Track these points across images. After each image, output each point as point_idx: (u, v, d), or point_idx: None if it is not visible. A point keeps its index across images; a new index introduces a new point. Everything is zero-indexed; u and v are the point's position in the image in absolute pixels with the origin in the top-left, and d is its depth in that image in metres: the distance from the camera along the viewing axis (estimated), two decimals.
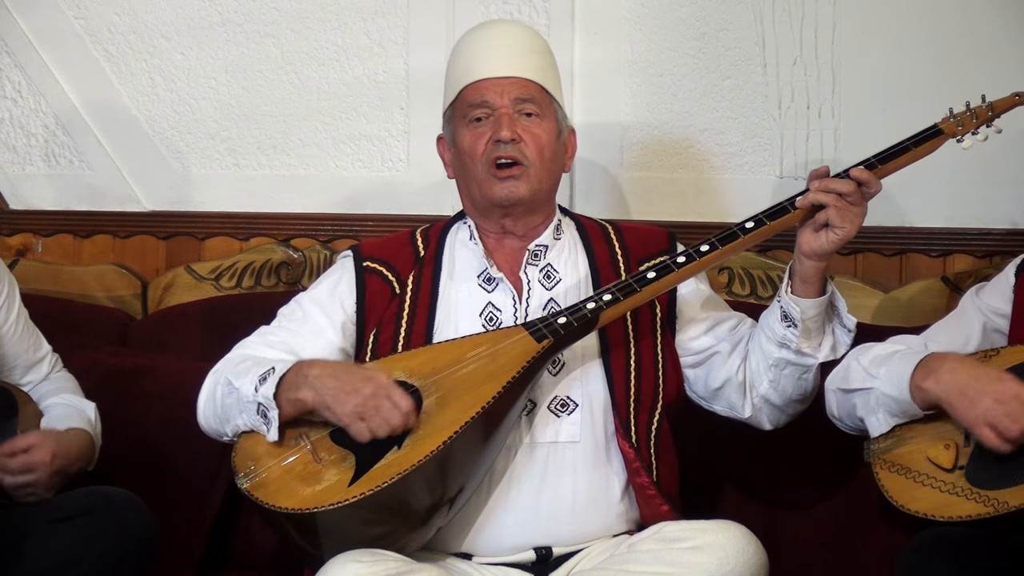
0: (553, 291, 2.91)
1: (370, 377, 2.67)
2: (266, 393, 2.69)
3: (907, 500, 2.66)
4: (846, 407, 2.83)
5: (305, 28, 3.71)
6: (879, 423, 2.75)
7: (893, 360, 2.74)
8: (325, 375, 2.68)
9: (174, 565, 3.10)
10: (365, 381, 2.65)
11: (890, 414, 2.73)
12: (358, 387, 2.64)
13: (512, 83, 2.88)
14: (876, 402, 2.74)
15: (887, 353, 2.78)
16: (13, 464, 2.85)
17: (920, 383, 2.66)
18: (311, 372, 2.69)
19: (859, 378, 2.78)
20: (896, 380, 2.70)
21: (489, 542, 2.79)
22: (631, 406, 2.83)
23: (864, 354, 2.80)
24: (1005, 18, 3.37)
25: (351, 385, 2.65)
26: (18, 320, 3.12)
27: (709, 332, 2.92)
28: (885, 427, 2.74)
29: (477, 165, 2.88)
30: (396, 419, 2.62)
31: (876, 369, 2.75)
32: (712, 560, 2.61)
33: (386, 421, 2.62)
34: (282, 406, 2.69)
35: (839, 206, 2.70)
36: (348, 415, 2.64)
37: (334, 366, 2.73)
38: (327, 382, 2.67)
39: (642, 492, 2.81)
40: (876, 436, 2.75)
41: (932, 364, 2.67)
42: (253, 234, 3.74)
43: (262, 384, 2.71)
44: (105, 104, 3.79)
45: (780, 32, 3.49)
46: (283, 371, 2.71)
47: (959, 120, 2.82)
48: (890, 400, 2.72)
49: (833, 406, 2.86)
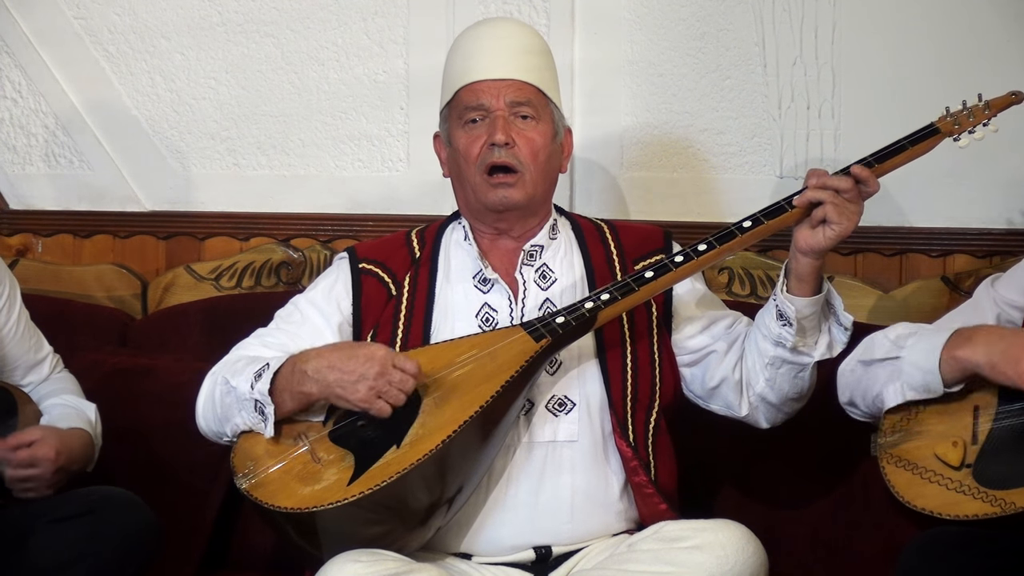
0: (549, 291, 2.91)
1: (370, 356, 2.67)
2: (262, 389, 2.70)
3: (913, 496, 2.65)
4: (864, 383, 2.81)
5: (305, 28, 3.71)
6: (895, 393, 2.74)
7: (922, 333, 2.74)
8: (323, 367, 2.68)
9: (174, 565, 3.10)
10: (367, 362, 2.66)
11: (910, 387, 2.72)
12: (363, 371, 2.65)
13: (508, 85, 2.88)
14: (898, 373, 2.73)
15: (913, 329, 2.78)
16: (17, 457, 2.86)
17: (955, 352, 2.66)
18: (307, 367, 2.69)
19: (884, 349, 2.77)
20: (926, 350, 2.69)
21: (488, 542, 2.79)
22: (628, 405, 2.83)
23: (891, 330, 2.80)
24: (1006, 18, 3.37)
25: (355, 371, 2.65)
26: (19, 321, 3.12)
27: (705, 331, 2.92)
28: (900, 398, 2.73)
29: (472, 168, 2.88)
30: (409, 384, 2.65)
31: (904, 341, 2.74)
32: (712, 559, 2.61)
33: (401, 390, 2.64)
34: (283, 400, 2.70)
35: (836, 202, 2.70)
36: (364, 400, 2.65)
37: (328, 355, 2.72)
38: (328, 375, 2.67)
39: (640, 491, 2.81)
40: (888, 411, 2.74)
41: (966, 332, 2.68)
42: (253, 234, 3.74)
43: (257, 380, 2.71)
44: (105, 104, 3.79)
45: (780, 32, 3.49)
46: (277, 366, 2.72)
47: (956, 119, 2.81)
48: (916, 371, 2.70)
49: (847, 390, 2.85)
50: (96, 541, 2.75)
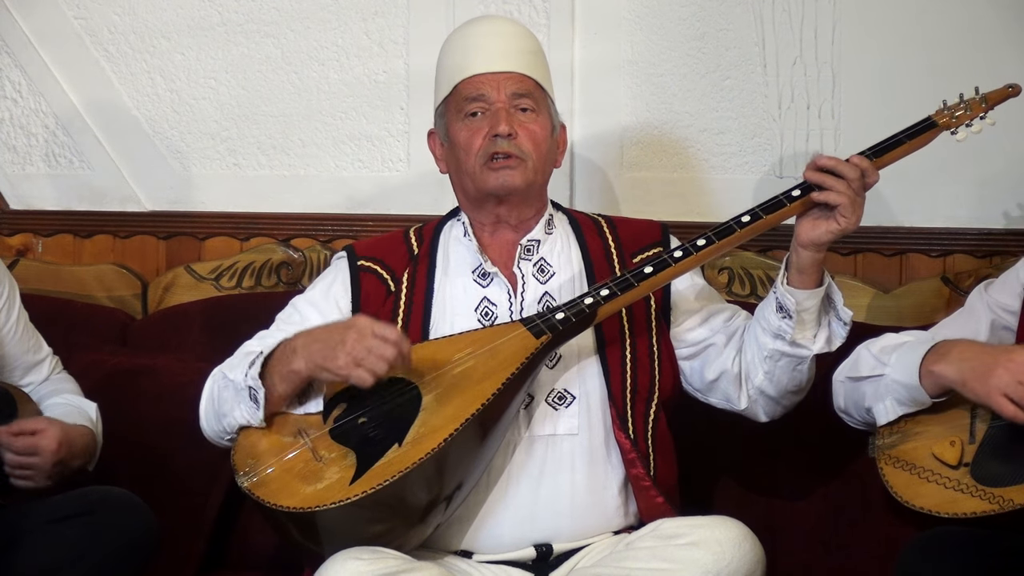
0: (547, 285, 2.91)
1: (350, 324, 2.68)
2: (253, 375, 2.71)
3: (912, 496, 2.65)
4: (854, 397, 2.82)
5: (305, 28, 3.71)
6: (886, 411, 2.74)
7: (904, 348, 2.74)
8: (309, 341, 2.70)
9: (174, 565, 3.10)
10: (346, 329, 2.66)
11: (899, 402, 2.73)
12: (342, 337, 2.65)
13: (509, 78, 2.89)
14: (885, 389, 2.74)
15: (897, 343, 2.78)
16: (18, 444, 2.86)
17: (931, 367, 2.66)
18: (296, 343, 2.71)
19: (869, 365, 2.78)
20: (907, 366, 2.70)
21: (488, 539, 2.78)
22: (628, 398, 2.83)
23: (874, 344, 2.80)
24: (1005, 19, 3.38)
25: (335, 339, 2.66)
26: (18, 321, 3.12)
27: (704, 324, 2.92)
28: (892, 415, 2.74)
29: (472, 159, 2.88)
30: (388, 350, 2.62)
31: (887, 356, 2.74)
32: (709, 556, 2.60)
33: (380, 357, 2.62)
34: (275, 383, 2.70)
35: (850, 195, 2.69)
36: (343, 367, 2.64)
37: (314, 331, 2.74)
38: (312, 347, 2.68)
39: (637, 483, 2.81)
40: (883, 425, 2.75)
41: (942, 348, 2.68)
42: (253, 234, 3.75)
43: (251, 368, 2.72)
44: (105, 104, 3.79)
45: (780, 32, 3.49)
46: (269, 352, 2.73)
47: (953, 112, 2.81)
48: (900, 387, 2.71)
49: (840, 398, 2.86)
50: (95, 541, 2.75)
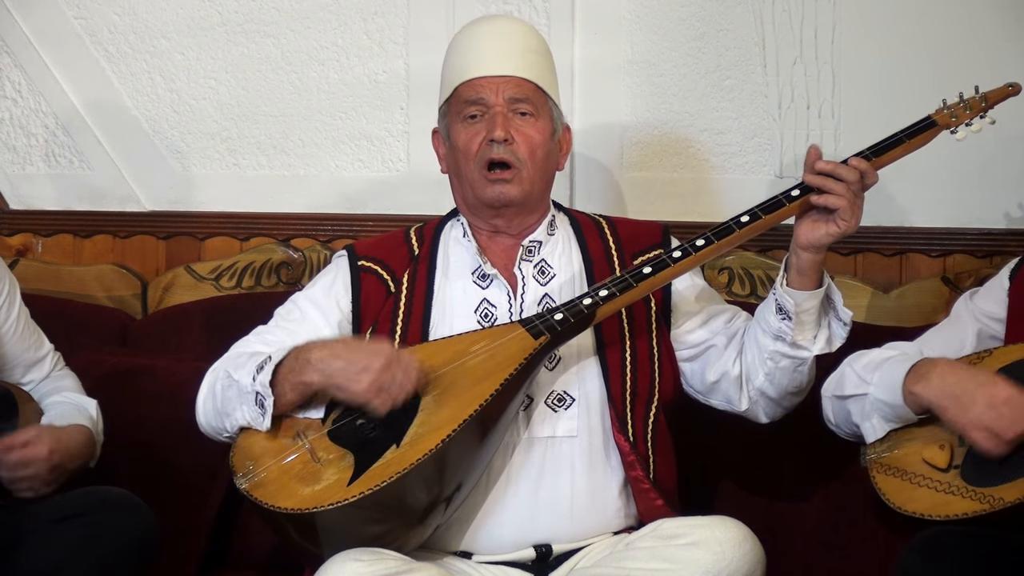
0: (547, 286, 2.91)
1: (377, 350, 2.68)
2: (263, 381, 2.70)
3: (904, 501, 2.66)
4: (842, 414, 2.83)
5: (305, 28, 3.71)
6: (874, 429, 2.76)
7: (886, 366, 2.75)
8: (329, 356, 2.69)
9: (174, 565, 3.10)
10: (374, 355, 2.67)
11: (885, 419, 2.74)
12: (369, 364, 2.65)
13: (508, 82, 2.89)
14: (871, 408, 2.75)
15: (880, 359, 2.78)
16: (10, 459, 2.85)
17: (911, 388, 2.67)
18: (312, 355, 2.70)
19: (853, 384, 2.79)
20: (889, 385, 2.71)
21: (488, 540, 2.79)
22: (627, 400, 2.83)
23: (857, 361, 2.81)
24: (1006, 19, 3.38)
25: (361, 363, 2.66)
26: (18, 319, 3.12)
27: (705, 326, 2.92)
28: (880, 432, 2.76)
29: (470, 164, 2.89)
30: (412, 382, 2.66)
31: (870, 375, 2.76)
32: (708, 556, 2.61)
33: (402, 388, 2.65)
34: (284, 391, 2.70)
35: (849, 197, 2.69)
36: (365, 392, 2.65)
37: (334, 346, 2.74)
38: (333, 363, 2.68)
39: (637, 485, 2.81)
40: (872, 442, 2.76)
41: (923, 369, 2.68)
42: (253, 234, 3.74)
43: (259, 373, 2.72)
44: (105, 104, 3.79)
45: (780, 32, 3.49)
46: (280, 358, 2.72)
47: (953, 111, 2.81)
48: (884, 405, 2.73)
49: (830, 413, 2.87)
50: (95, 541, 2.74)
